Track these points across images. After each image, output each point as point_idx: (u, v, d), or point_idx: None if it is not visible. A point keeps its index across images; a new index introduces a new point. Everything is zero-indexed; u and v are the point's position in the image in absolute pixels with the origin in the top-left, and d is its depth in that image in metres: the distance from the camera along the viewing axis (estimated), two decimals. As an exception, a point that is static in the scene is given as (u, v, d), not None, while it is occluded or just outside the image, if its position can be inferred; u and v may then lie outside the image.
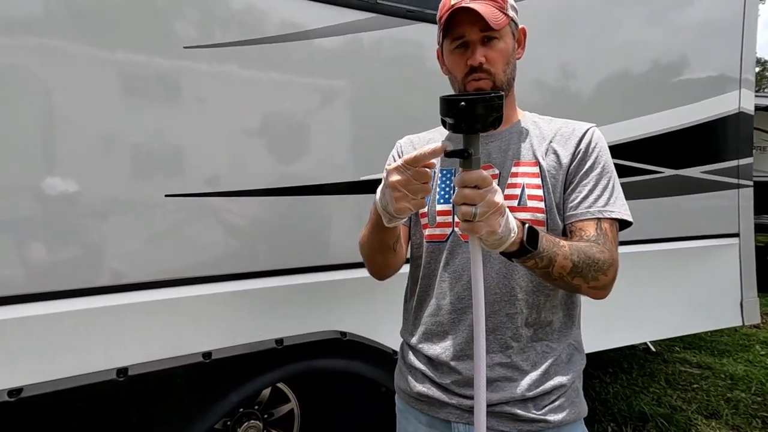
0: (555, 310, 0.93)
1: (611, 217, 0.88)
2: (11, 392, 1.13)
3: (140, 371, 1.27)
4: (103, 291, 1.25)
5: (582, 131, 0.94)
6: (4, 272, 1.16)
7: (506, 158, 0.94)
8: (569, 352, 0.94)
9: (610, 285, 0.87)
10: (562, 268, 0.80)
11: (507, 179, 0.92)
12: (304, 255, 1.52)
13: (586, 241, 0.86)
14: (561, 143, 0.93)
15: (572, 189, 0.91)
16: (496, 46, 0.88)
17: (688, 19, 2.24)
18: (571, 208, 0.90)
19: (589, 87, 2.02)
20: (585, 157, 0.91)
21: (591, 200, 0.89)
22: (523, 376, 0.89)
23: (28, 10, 1.13)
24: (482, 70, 0.88)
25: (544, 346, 0.92)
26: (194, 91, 1.33)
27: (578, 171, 0.91)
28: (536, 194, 0.90)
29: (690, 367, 3.35)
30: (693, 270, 2.32)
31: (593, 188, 0.90)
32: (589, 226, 0.88)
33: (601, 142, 0.93)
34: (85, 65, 1.20)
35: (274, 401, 1.65)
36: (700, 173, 2.25)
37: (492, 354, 0.90)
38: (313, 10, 1.46)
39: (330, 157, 1.54)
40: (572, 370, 0.93)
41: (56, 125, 1.18)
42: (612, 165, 0.93)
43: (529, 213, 0.89)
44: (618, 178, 0.93)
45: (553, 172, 0.91)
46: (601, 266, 0.82)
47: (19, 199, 1.16)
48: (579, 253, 0.81)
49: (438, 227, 0.96)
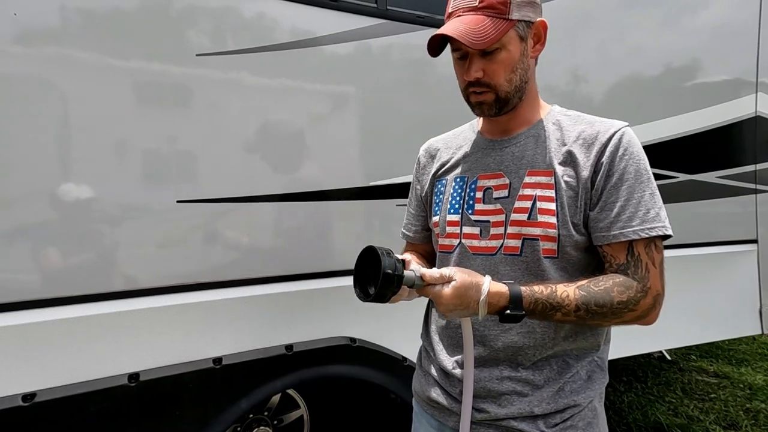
0: (576, 326, 0.86)
1: (647, 236, 0.79)
2: (25, 397, 1.14)
3: (151, 376, 1.27)
4: (116, 296, 1.26)
5: (607, 136, 0.82)
6: (18, 278, 1.17)
7: (519, 166, 0.88)
8: (590, 369, 0.88)
9: (648, 314, 0.80)
10: (564, 320, 0.79)
11: (518, 190, 0.86)
12: (314, 260, 1.52)
13: (614, 272, 0.80)
14: (582, 149, 0.84)
15: (600, 208, 0.81)
16: (497, 57, 0.82)
17: (702, 22, 2.21)
18: (600, 229, 0.82)
19: (601, 91, 2.00)
20: (611, 169, 0.81)
21: (622, 221, 0.79)
22: (534, 392, 0.85)
23: (46, 21, 1.16)
24: (481, 83, 0.84)
25: (560, 362, 0.87)
26: (206, 97, 1.34)
27: (605, 186, 0.81)
28: (548, 208, 0.83)
29: (707, 377, 3.28)
30: (710, 277, 2.27)
31: (624, 206, 0.80)
32: (619, 252, 0.80)
33: (631, 147, 0.82)
34: (100, 73, 1.22)
35: (283, 407, 1.65)
36: (715, 178, 2.21)
37: (501, 367, 0.87)
38: (323, 17, 1.46)
39: (340, 162, 1.54)
40: (591, 388, 0.87)
41: (71, 132, 1.20)
42: (647, 172, 0.82)
43: (539, 228, 0.83)
44: (655, 185, 0.82)
45: (570, 182, 0.83)
46: (620, 308, 0.77)
47: (33, 205, 1.18)
48: (588, 303, 0.77)
49: (447, 237, 0.95)
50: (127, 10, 1.24)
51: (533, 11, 0.84)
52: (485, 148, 0.94)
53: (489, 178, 0.91)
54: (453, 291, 0.75)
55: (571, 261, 0.84)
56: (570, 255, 0.84)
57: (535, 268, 0.84)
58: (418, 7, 1.59)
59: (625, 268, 0.80)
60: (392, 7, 1.55)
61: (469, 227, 0.91)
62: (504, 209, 0.87)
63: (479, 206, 0.90)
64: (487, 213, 0.89)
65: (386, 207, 1.58)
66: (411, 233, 1.10)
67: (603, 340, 0.91)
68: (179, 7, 1.29)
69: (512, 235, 0.86)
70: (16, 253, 1.16)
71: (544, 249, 0.83)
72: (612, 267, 0.82)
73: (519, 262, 0.85)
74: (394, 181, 1.59)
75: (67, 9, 1.17)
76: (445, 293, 0.75)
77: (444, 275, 0.76)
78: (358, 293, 0.81)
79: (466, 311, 0.76)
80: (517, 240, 0.85)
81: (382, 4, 1.53)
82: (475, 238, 0.90)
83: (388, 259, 0.75)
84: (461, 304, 0.75)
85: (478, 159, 0.94)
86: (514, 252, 0.86)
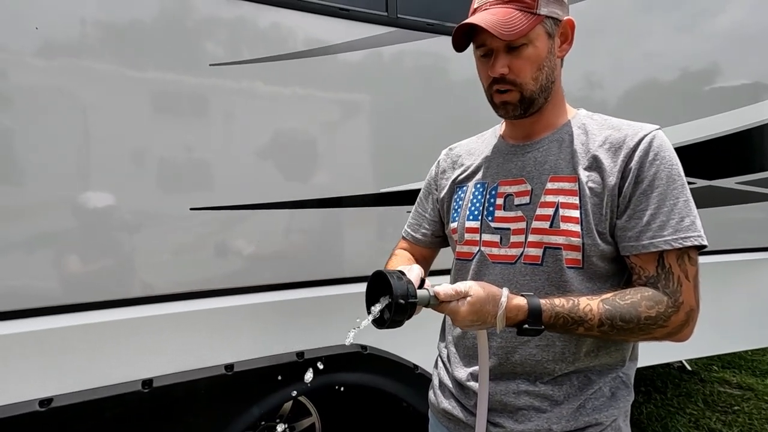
0: (600, 341, 0.82)
1: (680, 246, 0.73)
2: (42, 402, 1.16)
3: (164, 383, 1.28)
4: (130, 303, 1.28)
5: (635, 140, 0.78)
6: (35, 284, 1.20)
7: (542, 172, 0.84)
8: (614, 386, 0.83)
9: (679, 331, 0.75)
10: (588, 335, 0.75)
11: (540, 197, 0.82)
12: (326, 267, 1.52)
13: (644, 284, 0.76)
14: (608, 154, 0.79)
15: (628, 216, 0.77)
16: (523, 53, 0.78)
17: (720, 26, 2.17)
18: (628, 238, 0.77)
19: (616, 95, 1.97)
20: (640, 174, 0.76)
21: (653, 230, 0.74)
22: (553, 407, 0.81)
23: (67, 34, 1.19)
24: (506, 81, 0.81)
25: (581, 378, 0.82)
26: (220, 106, 1.36)
27: (633, 192, 0.76)
28: (572, 215, 0.79)
29: (730, 388, 3.17)
30: (732, 285, 2.21)
31: (655, 214, 0.75)
32: (648, 263, 0.76)
33: (662, 152, 0.77)
34: (117, 84, 1.24)
35: (295, 415, 1.65)
36: (735, 184, 2.16)
37: (518, 380, 0.84)
38: (335, 26, 1.48)
39: (352, 169, 1.55)
40: (614, 406, 0.82)
41: (89, 141, 1.22)
42: (680, 177, 0.77)
43: (562, 237, 0.79)
44: (689, 193, 0.77)
45: (595, 188, 0.79)
46: (649, 324, 0.73)
47: (51, 213, 1.20)
48: (613, 318, 0.72)
49: (466, 244, 0.92)
50: (143, 23, 1.27)
51: (561, 9, 0.81)
52: (507, 153, 0.91)
53: (510, 184, 0.88)
54: (469, 307, 0.72)
55: (597, 272, 0.80)
56: (596, 265, 0.79)
57: (557, 279, 0.81)
58: (429, 15, 1.59)
59: (655, 281, 0.75)
60: (403, 15, 1.56)
61: (488, 234, 0.88)
62: (525, 216, 0.84)
63: (499, 213, 0.87)
64: (508, 220, 0.86)
65: (398, 214, 1.58)
66: (419, 235, 1.08)
67: (629, 356, 0.86)
68: (194, 19, 1.32)
69: (533, 243, 0.82)
70: (34, 260, 1.19)
71: (568, 259, 0.79)
72: (641, 279, 0.77)
73: (540, 272, 0.82)
74: (406, 187, 1.59)
75: (86, 22, 1.20)
76: (461, 310, 0.72)
77: (459, 291, 0.73)
78: (373, 322, 0.77)
79: (484, 325, 0.74)
80: (538, 249, 0.82)
81: (392, 13, 1.54)
82: (495, 245, 0.87)
83: (399, 283, 0.72)
84: (478, 319, 0.72)
85: (500, 164, 0.91)
86: (534, 261, 0.82)
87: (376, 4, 1.52)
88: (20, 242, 1.16)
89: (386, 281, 0.72)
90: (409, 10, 1.57)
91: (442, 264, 1.11)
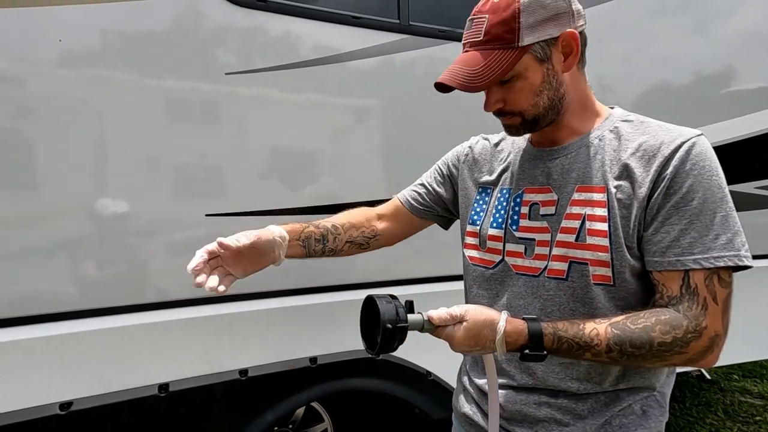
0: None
1: (711, 266, 0.67)
2: (62, 405, 1.18)
3: (180, 387, 1.30)
4: (147, 308, 1.30)
5: (672, 147, 0.71)
6: (53, 289, 1.22)
7: (568, 180, 0.79)
8: (646, 404, 0.77)
9: (701, 358, 0.69)
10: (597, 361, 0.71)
11: (566, 208, 0.77)
12: (337, 273, 1.53)
13: (665, 305, 0.70)
14: (640, 162, 0.72)
15: (655, 228, 0.71)
16: (515, 86, 0.76)
17: (736, 29, 2.14)
18: (653, 253, 0.71)
19: (630, 99, 1.95)
20: (673, 185, 0.69)
21: (681, 246, 0.68)
22: (576, 422, 0.76)
23: (85, 44, 1.22)
24: (504, 112, 0.79)
25: (609, 395, 0.76)
26: (235, 114, 1.39)
27: (663, 204, 0.70)
28: (599, 229, 0.73)
29: (751, 398, 3.09)
30: (752, 292, 2.15)
31: (686, 229, 0.68)
32: (672, 281, 0.69)
33: (701, 161, 0.70)
34: (135, 93, 1.27)
35: (308, 421, 1.65)
36: (754, 189, 2.12)
37: (539, 393, 0.80)
38: (347, 34, 1.49)
39: (365, 176, 1.56)
40: (645, 426, 0.76)
41: (108, 148, 1.25)
42: (720, 190, 0.69)
43: (589, 252, 0.74)
44: (732, 206, 0.69)
45: (624, 200, 0.73)
46: (663, 351, 0.67)
47: (69, 218, 1.23)
48: (622, 343, 0.67)
49: (488, 252, 0.87)
50: (160, 33, 1.30)
51: (555, 25, 0.74)
52: (533, 158, 0.86)
53: (536, 193, 0.83)
54: (465, 332, 0.70)
55: (630, 290, 0.74)
56: (628, 282, 0.74)
57: (583, 295, 0.75)
58: (440, 22, 1.60)
59: (677, 303, 0.69)
60: (414, 22, 1.57)
61: (513, 244, 0.84)
62: (550, 228, 0.79)
63: (524, 222, 0.83)
64: (533, 230, 0.81)
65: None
66: (416, 204, 1.03)
67: (665, 371, 0.80)
68: (208, 28, 1.35)
69: (557, 257, 0.77)
70: (52, 266, 1.22)
71: (595, 275, 0.74)
72: (663, 299, 0.71)
73: (565, 287, 0.77)
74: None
75: (106, 34, 1.23)
76: (457, 335, 0.70)
77: (455, 315, 0.71)
78: (366, 347, 0.75)
79: (483, 350, 0.71)
80: (563, 263, 0.77)
81: (404, 20, 1.56)
82: (520, 256, 0.82)
83: (387, 307, 0.69)
84: (476, 344, 0.70)
85: (526, 170, 0.86)
86: (559, 276, 0.77)
87: (389, 12, 1.54)
88: (43, 248, 1.19)
89: (375, 306, 0.70)
90: (421, 17, 1.58)
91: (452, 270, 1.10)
